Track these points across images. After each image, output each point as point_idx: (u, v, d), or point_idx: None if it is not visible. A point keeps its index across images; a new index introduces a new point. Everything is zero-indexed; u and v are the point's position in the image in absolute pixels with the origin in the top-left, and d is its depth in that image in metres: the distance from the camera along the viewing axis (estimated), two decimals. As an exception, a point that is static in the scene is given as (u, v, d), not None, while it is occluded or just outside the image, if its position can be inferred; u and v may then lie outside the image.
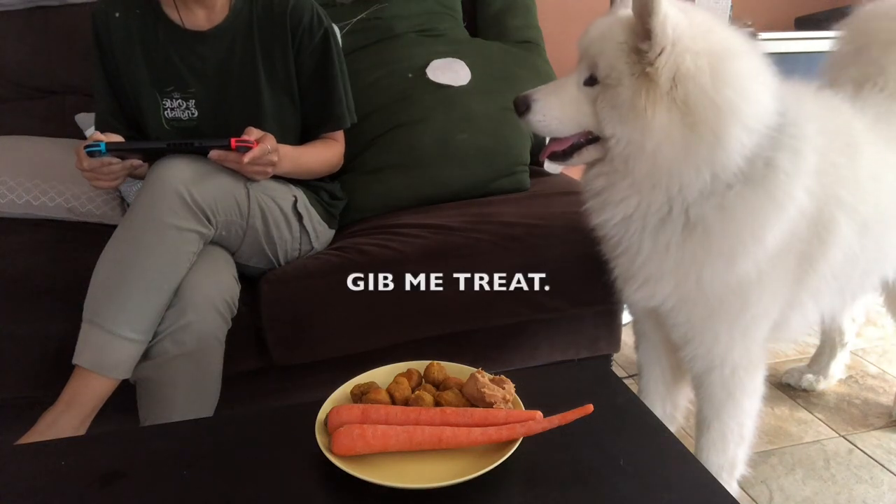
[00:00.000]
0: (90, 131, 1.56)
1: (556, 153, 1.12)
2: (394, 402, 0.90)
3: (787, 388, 1.83)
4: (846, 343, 1.79)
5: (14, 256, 1.50)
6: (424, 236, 1.52)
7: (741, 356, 1.15)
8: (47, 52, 1.90)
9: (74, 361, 1.21)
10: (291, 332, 1.42)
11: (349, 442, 0.80)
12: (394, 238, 1.53)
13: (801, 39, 2.38)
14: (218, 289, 1.30)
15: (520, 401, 0.89)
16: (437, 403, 0.89)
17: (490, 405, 0.87)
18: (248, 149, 1.28)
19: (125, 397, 1.24)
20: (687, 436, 1.50)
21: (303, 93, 1.54)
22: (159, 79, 1.47)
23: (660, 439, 0.90)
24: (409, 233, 1.55)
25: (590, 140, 1.09)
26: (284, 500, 0.80)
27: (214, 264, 1.33)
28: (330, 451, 0.81)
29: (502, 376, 0.91)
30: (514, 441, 0.82)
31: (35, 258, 1.51)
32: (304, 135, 1.60)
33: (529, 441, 0.83)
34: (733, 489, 1.27)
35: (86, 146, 1.25)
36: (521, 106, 1.09)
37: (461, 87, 1.83)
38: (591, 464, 0.83)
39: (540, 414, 0.84)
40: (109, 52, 1.47)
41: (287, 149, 1.46)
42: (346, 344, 1.47)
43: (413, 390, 0.92)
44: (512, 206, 1.67)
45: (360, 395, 0.91)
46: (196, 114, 1.48)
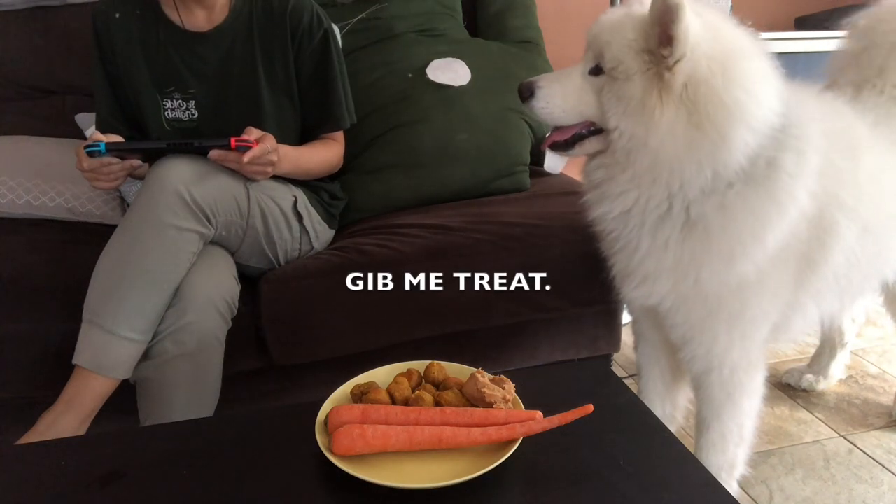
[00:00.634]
0: (90, 131, 1.56)
1: (558, 143, 1.12)
2: (394, 402, 0.90)
3: (787, 388, 1.83)
4: (846, 343, 1.79)
5: (14, 256, 1.50)
6: (424, 236, 1.52)
7: (740, 357, 1.15)
8: (47, 52, 1.90)
9: (74, 361, 1.21)
10: (291, 332, 1.42)
11: (349, 442, 0.80)
12: (394, 238, 1.53)
13: (801, 39, 2.38)
14: (218, 289, 1.30)
15: (520, 401, 0.89)
16: (437, 403, 0.89)
17: (490, 405, 0.87)
18: (247, 148, 1.28)
19: (125, 397, 1.24)
20: (687, 436, 1.50)
21: (302, 93, 1.55)
22: (159, 79, 1.47)
23: (660, 439, 0.90)
24: (409, 233, 1.55)
25: (592, 131, 1.08)
26: (284, 500, 0.80)
27: (214, 264, 1.33)
28: (330, 451, 0.81)
29: (502, 376, 0.91)
30: (514, 441, 0.82)
31: (35, 258, 1.50)
32: (304, 135, 1.60)
33: (529, 441, 0.83)
34: (733, 489, 1.27)
35: (86, 146, 1.25)
36: (526, 92, 1.08)
37: (461, 87, 1.83)
38: (591, 464, 0.83)
39: (540, 414, 0.84)
40: (110, 52, 1.48)
41: (287, 149, 1.46)
42: (346, 344, 1.47)
43: (413, 390, 0.92)
44: (512, 206, 1.67)
45: (360, 395, 0.91)
46: (196, 114, 1.48)
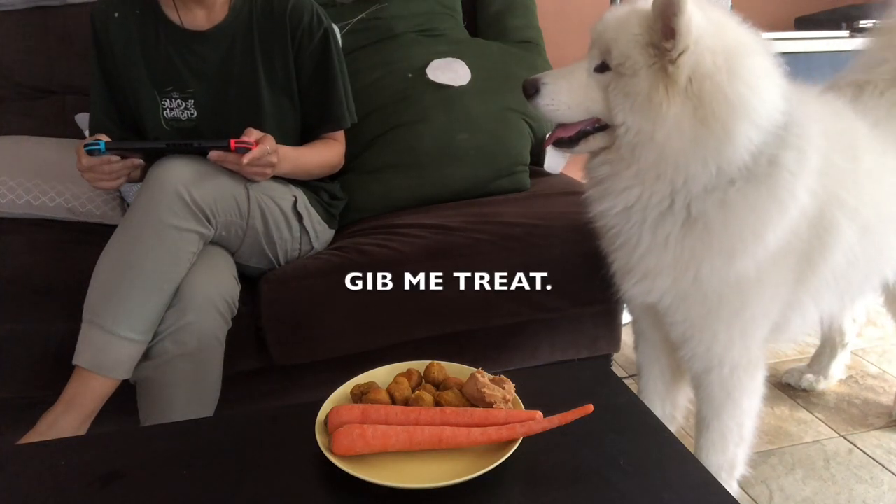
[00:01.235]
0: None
1: (563, 140, 1.11)
2: (394, 402, 0.90)
3: (787, 388, 1.83)
4: (846, 343, 1.79)
5: (14, 256, 1.50)
6: (424, 236, 1.52)
7: (740, 356, 1.15)
8: (47, 52, 1.90)
9: (74, 362, 1.21)
10: (291, 332, 1.42)
11: (349, 442, 0.80)
12: (394, 238, 1.53)
13: (801, 39, 2.38)
14: (218, 289, 1.30)
15: (520, 401, 0.89)
16: (437, 403, 0.89)
17: (490, 405, 0.87)
18: (247, 150, 1.28)
19: (125, 397, 1.24)
20: (687, 436, 1.50)
21: (302, 93, 1.54)
22: (159, 79, 1.47)
23: (660, 439, 0.90)
24: (409, 233, 1.55)
25: (597, 128, 1.08)
26: (284, 500, 0.80)
27: (214, 264, 1.33)
28: (330, 451, 0.81)
29: (502, 376, 0.91)
30: (514, 441, 0.82)
31: (35, 258, 1.51)
32: (304, 135, 1.60)
33: (529, 441, 0.83)
34: (733, 489, 1.27)
35: (85, 144, 1.25)
36: (530, 89, 1.08)
37: (461, 87, 1.83)
38: (591, 464, 0.83)
39: (540, 414, 0.84)
40: (109, 52, 1.47)
41: (287, 149, 1.46)
42: (346, 344, 1.47)
43: (413, 390, 0.92)
44: (512, 206, 1.67)
45: (360, 395, 0.91)
46: (195, 114, 1.48)
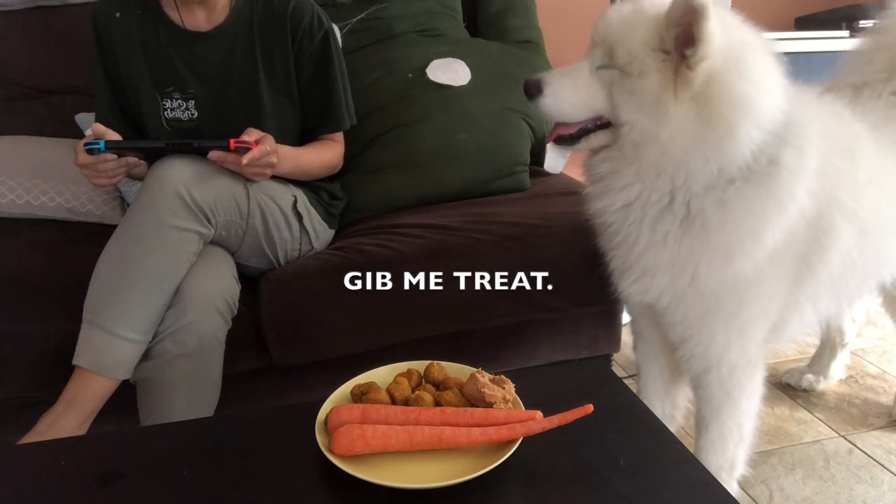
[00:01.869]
0: (90, 131, 1.56)
1: (563, 137, 1.10)
2: (394, 402, 0.90)
3: (787, 388, 1.83)
4: (846, 343, 1.79)
5: (14, 256, 1.50)
6: (424, 236, 1.52)
7: (738, 356, 1.15)
8: (47, 52, 1.90)
9: (74, 362, 1.21)
10: (291, 332, 1.42)
11: (349, 442, 0.80)
12: (394, 238, 1.53)
13: (801, 39, 2.38)
14: (218, 289, 1.30)
15: (520, 401, 0.89)
16: (437, 403, 0.89)
17: (490, 405, 0.87)
18: (247, 149, 1.28)
19: (125, 397, 1.24)
20: (687, 436, 1.50)
21: (302, 94, 1.54)
22: (159, 79, 1.47)
23: (660, 439, 0.90)
24: (409, 233, 1.55)
25: (599, 126, 1.07)
26: (284, 500, 0.80)
27: (214, 264, 1.33)
28: (330, 451, 0.81)
29: (502, 376, 0.91)
30: (514, 441, 0.82)
31: (35, 258, 1.51)
32: (304, 136, 1.60)
33: (529, 441, 0.83)
34: (733, 489, 1.27)
35: (85, 143, 1.25)
36: (533, 88, 1.07)
37: (461, 87, 1.83)
38: (591, 464, 0.83)
39: (540, 414, 0.84)
40: (110, 52, 1.48)
41: (286, 149, 1.46)
42: (346, 344, 1.47)
43: (413, 390, 0.92)
44: (512, 206, 1.67)
45: (360, 395, 0.91)
46: (196, 114, 1.48)
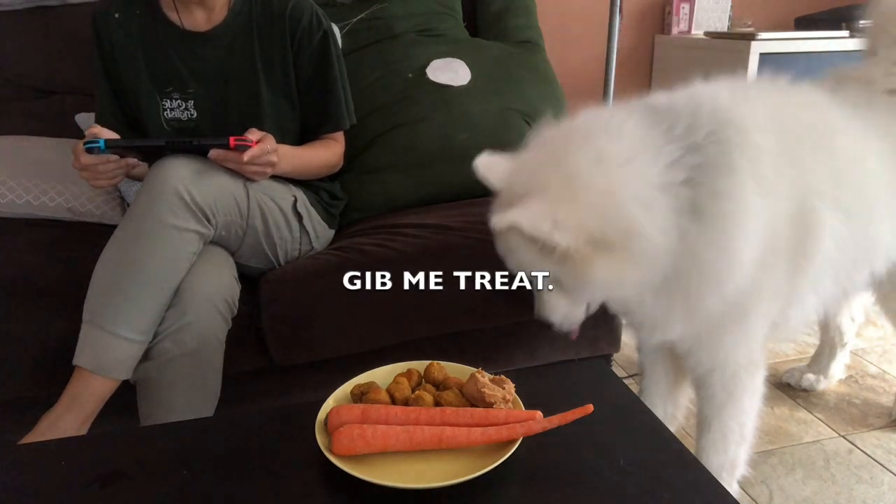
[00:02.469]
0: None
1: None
2: (394, 402, 0.90)
3: (787, 388, 1.83)
4: (846, 343, 1.79)
5: (14, 256, 1.50)
6: (424, 236, 1.52)
7: (743, 357, 1.15)
8: (47, 52, 1.90)
9: (75, 362, 1.21)
10: (291, 332, 1.42)
11: (349, 442, 0.80)
12: (394, 238, 1.53)
13: (801, 39, 2.38)
14: (218, 289, 1.30)
15: (520, 401, 0.89)
16: (437, 403, 0.89)
17: (490, 405, 0.87)
18: (246, 148, 1.28)
19: (125, 397, 1.24)
20: (687, 436, 1.50)
21: (302, 94, 1.54)
22: (159, 79, 1.47)
23: (660, 439, 0.90)
24: (409, 233, 1.54)
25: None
26: (284, 500, 0.80)
27: (214, 264, 1.33)
28: (330, 451, 0.81)
29: (502, 376, 0.91)
30: (514, 441, 0.82)
31: (35, 258, 1.50)
32: (304, 136, 1.60)
33: (529, 441, 0.83)
34: (733, 489, 1.27)
35: (85, 143, 1.25)
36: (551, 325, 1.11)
37: (461, 87, 1.83)
38: (591, 464, 0.83)
39: (540, 414, 0.84)
40: (109, 52, 1.48)
41: (286, 149, 1.46)
42: (347, 344, 1.47)
43: (413, 390, 0.92)
44: (512, 206, 1.67)
45: (360, 395, 0.91)
46: (195, 114, 1.48)
